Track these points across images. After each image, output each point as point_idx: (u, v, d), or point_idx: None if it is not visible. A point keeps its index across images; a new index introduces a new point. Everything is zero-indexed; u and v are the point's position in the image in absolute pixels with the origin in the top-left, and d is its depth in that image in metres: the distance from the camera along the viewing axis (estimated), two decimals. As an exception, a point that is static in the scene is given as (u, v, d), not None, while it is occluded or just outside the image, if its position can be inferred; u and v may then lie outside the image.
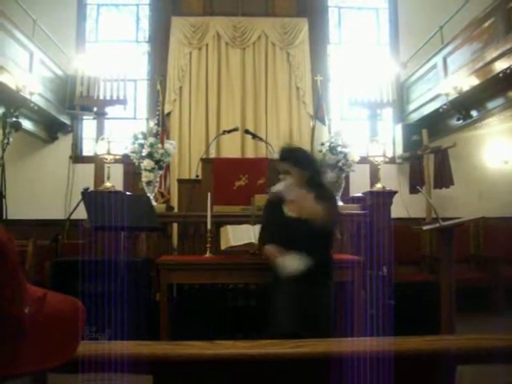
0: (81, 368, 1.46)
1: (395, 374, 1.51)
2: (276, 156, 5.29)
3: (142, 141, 6.43)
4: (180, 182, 6.21)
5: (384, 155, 6.04)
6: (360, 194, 5.85)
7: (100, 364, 1.47)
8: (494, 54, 5.64)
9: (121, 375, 1.51)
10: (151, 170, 6.28)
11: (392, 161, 7.74)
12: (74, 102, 7.34)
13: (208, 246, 4.29)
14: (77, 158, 8.22)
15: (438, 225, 4.16)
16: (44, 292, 0.90)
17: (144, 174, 6.37)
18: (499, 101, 6.19)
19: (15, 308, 0.80)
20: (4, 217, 4.42)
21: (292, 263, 3.16)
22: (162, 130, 7.33)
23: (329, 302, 3.23)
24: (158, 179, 6.53)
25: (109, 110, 7.04)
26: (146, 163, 6.29)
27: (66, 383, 1.53)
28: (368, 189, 5.95)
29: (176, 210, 6.24)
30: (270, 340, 1.73)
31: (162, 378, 1.56)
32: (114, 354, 1.49)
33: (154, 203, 5.91)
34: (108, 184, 5.82)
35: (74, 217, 4.58)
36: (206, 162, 5.72)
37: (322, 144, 6.44)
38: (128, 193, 5.77)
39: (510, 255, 6.32)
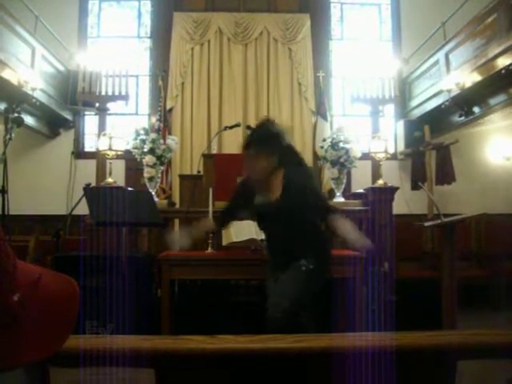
0: (82, 362, 1.47)
1: (396, 369, 1.51)
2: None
3: (143, 136, 6.41)
4: (182, 177, 6.21)
5: (386, 151, 6.03)
6: (362, 190, 5.84)
7: (101, 358, 1.48)
8: (497, 51, 5.63)
9: (122, 369, 1.51)
10: (153, 166, 6.27)
11: (394, 157, 7.73)
12: (76, 97, 7.34)
13: (210, 241, 4.29)
14: (79, 153, 8.23)
15: (439, 221, 4.16)
16: (40, 272, 0.88)
17: (146, 169, 6.35)
18: (501, 97, 6.18)
19: (2, 296, 0.79)
20: (6, 212, 4.41)
21: None
22: (164, 126, 7.33)
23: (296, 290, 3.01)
24: (159, 175, 6.52)
25: (111, 105, 7.04)
26: (148, 159, 6.27)
27: (68, 377, 1.54)
28: (370, 185, 5.94)
29: (178, 205, 6.24)
30: (271, 335, 1.74)
31: (163, 372, 1.57)
32: (116, 348, 1.49)
33: (156, 199, 5.91)
34: (110, 180, 5.83)
35: (75, 212, 4.58)
36: (207, 157, 5.71)
37: (324, 140, 6.41)
38: (130, 188, 5.78)
39: (511, 251, 6.31)
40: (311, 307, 3.18)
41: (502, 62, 5.54)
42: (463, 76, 6.38)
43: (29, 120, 6.77)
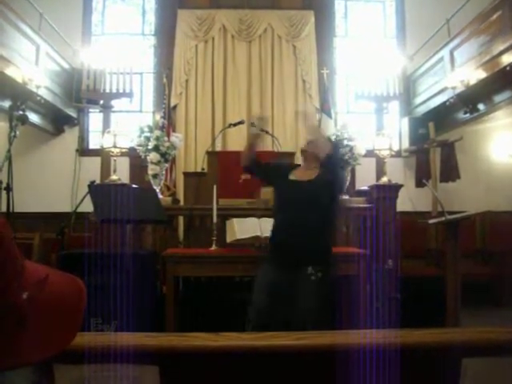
0: (87, 359, 1.47)
1: (400, 366, 1.51)
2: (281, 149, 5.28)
3: (148, 134, 6.44)
4: (186, 175, 6.21)
5: (390, 149, 6.03)
6: (366, 188, 5.84)
7: (106, 355, 1.48)
8: (502, 47, 5.61)
9: (126, 366, 1.51)
10: (157, 163, 6.29)
11: (398, 154, 7.72)
12: (81, 95, 7.37)
13: (214, 238, 4.30)
14: (83, 151, 8.24)
15: (443, 218, 4.15)
16: (46, 272, 0.88)
17: (150, 167, 6.37)
18: (506, 94, 6.16)
19: (12, 295, 0.79)
20: (10, 210, 4.43)
21: None
22: (168, 123, 7.34)
23: (318, 300, 3.12)
24: (163, 172, 6.54)
25: (115, 103, 7.06)
26: (152, 156, 6.29)
27: (73, 374, 1.54)
28: (374, 182, 5.94)
29: (182, 203, 6.25)
30: (275, 332, 1.74)
31: (167, 368, 1.57)
32: (120, 345, 1.50)
33: (160, 196, 5.92)
34: (114, 177, 5.84)
35: (80, 210, 4.59)
36: (211, 155, 5.72)
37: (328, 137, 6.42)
38: (134, 186, 5.79)
39: (516, 249, 6.31)
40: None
41: (507, 59, 5.52)
42: (468, 73, 6.36)
43: (33, 117, 6.78)
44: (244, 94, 8.17)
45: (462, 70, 6.53)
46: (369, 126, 7.85)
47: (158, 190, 6.11)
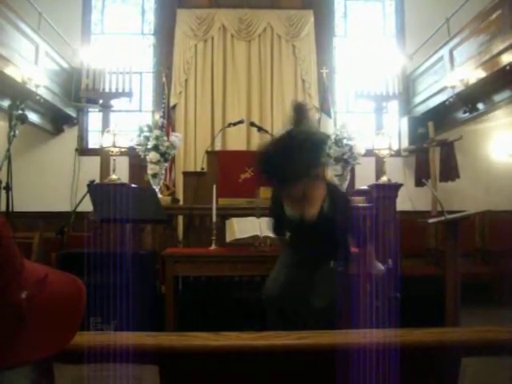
0: (86, 358, 1.47)
1: (400, 365, 1.51)
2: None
3: (147, 133, 6.44)
4: (185, 174, 6.21)
5: (390, 148, 6.03)
6: (365, 187, 5.83)
7: (105, 355, 1.48)
8: (501, 47, 5.60)
9: (126, 366, 1.51)
10: (157, 163, 6.29)
11: (398, 154, 7.72)
12: (80, 94, 7.36)
13: (213, 238, 4.30)
14: (82, 150, 8.23)
15: (443, 218, 4.15)
16: (45, 272, 0.88)
17: (149, 166, 6.38)
18: (506, 93, 6.15)
19: (11, 295, 0.79)
20: (10, 209, 4.43)
21: None
22: (168, 123, 7.34)
23: (329, 292, 3.16)
24: (163, 172, 6.54)
25: (114, 102, 7.05)
26: (152, 156, 6.29)
27: (72, 373, 1.54)
28: (373, 182, 5.93)
29: (181, 202, 6.25)
30: (275, 332, 1.74)
31: (167, 368, 1.57)
32: (120, 344, 1.50)
33: (160, 196, 5.92)
34: (114, 176, 5.83)
35: (79, 209, 4.59)
36: (211, 154, 5.72)
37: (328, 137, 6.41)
38: (134, 185, 5.79)
39: (515, 248, 6.30)
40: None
41: (507, 59, 5.52)
42: (467, 72, 6.36)
43: (33, 117, 6.77)
44: (243, 94, 8.16)
45: (461, 70, 6.52)
46: (368, 126, 7.84)
47: (157, 190, 6.11)
